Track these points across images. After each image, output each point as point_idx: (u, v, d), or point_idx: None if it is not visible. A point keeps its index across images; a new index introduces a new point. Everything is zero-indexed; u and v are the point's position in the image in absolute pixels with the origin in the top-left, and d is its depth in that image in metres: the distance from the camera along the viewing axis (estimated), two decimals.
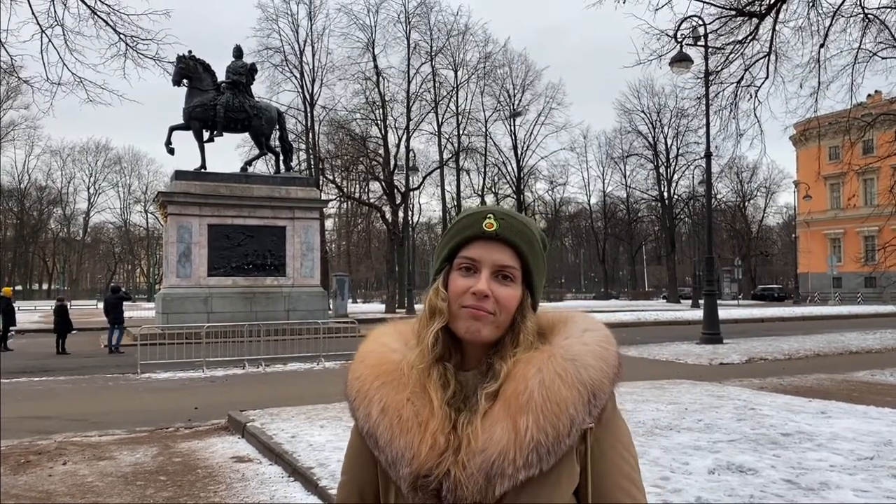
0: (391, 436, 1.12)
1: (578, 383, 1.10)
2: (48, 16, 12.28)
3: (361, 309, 45.21)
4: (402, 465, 1.10)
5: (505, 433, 1.07)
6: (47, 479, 6.06)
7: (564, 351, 1.14)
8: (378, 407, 1.15)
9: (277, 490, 5.62)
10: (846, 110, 16.49)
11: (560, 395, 1.08)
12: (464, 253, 1.18)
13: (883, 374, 12.29)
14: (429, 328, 1.18)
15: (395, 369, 1.19)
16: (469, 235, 1.19)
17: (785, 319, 31.53)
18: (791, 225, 70.05)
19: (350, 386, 1.22)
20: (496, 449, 1.06)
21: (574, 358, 1.12)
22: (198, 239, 22.85)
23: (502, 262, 1.17)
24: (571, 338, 1.17)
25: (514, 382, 1.11)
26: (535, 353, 1.15)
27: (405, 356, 1.20)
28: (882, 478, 5.10)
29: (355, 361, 1.25)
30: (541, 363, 1.12)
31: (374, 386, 1.17)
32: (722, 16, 14.60)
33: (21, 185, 74.15)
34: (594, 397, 1.10)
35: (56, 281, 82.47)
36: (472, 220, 1.20)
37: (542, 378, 1.10)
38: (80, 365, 15.60)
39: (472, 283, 1.16)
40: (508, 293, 1.16)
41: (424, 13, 43.31)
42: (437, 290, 1.19)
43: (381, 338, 1.27)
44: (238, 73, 25.18)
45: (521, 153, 51.83)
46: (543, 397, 1.08)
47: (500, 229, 1.17)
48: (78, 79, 12.89)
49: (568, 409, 1.08)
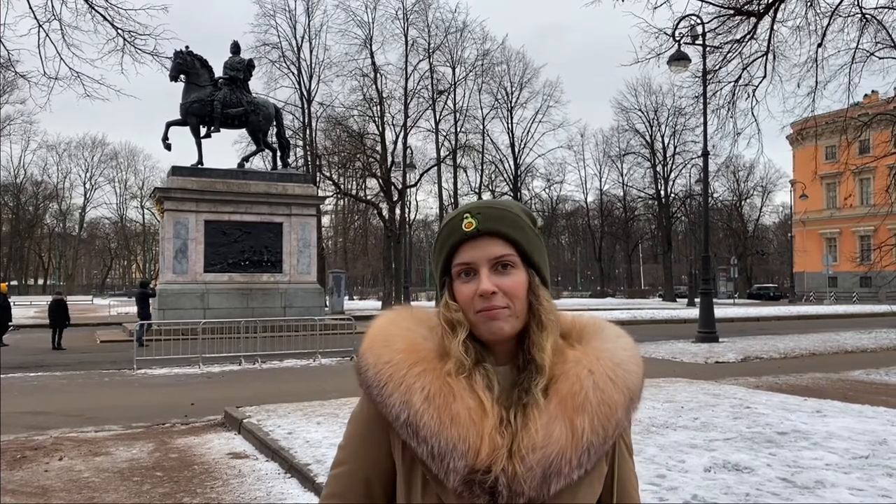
0: (439, 426, 1.07)
1: (625, 387, 1.13)
2: (45, 10, 12.26)
3: (358, 306, 45.17)
4: (456, 457, 1.06)
5: (563, 432, 1.08)
6: (43, 475, 6.05)
7: (610, 355, 1.16)
8: (421, 395, 1.09)
9: (274, 486, 5.61)
10: (843, 110, 16.51)
11: (612, 398, 1.11)
12: (456, 260, 1.17)
13: (878, 374, 12.32)
14: (455, 339, 1.14)
15: (433, 357, 1.14)
16: (454, 242, 1.17)
17: (780, 319, 31.60)
18: (787, 224, 70.20)
19: (378, 371, 1.13)
20: (556, 447, 1.07)
21: (620, 362, 1.15)
22: (194, 235, 22.81)
23: (495, 254, 1.15)
24: (609, 343, 1.19)
25: (567, 381, 1.12)
26: (580, 354, 1.16)
27: (437, 346, 1.16)
28: (877, 476, 5.12)
29: (377, 345, 1.17)
30: (591, 364, 1.13)
31: (414, 372, 1.11)
32: (720, 15, 14.62)
33: (17, 180, 74.00)
34: (632, 402, 1.14)
35: (52, 276, 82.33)
36: (451, 226, 1.18)
37: (595, 380, 1.11)
38: (76, 360, 15.57)
39: (475, 285, 1.14)
40: (513, 281, 1.15)
41: (422, 10, 43.36)
42: (447, 304, 1.17)
43: (402, 323, 1.21)
44: (235, 68, 25.13)
45: (518, 151, 51.92)
46: (598, 399, 1.10)
47: (480, 224, 1.16)
48: (75, 74, 12.89)
49: (617, 412, 1.11)
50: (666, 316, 31.61)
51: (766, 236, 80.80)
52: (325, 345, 15.36)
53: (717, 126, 16.87)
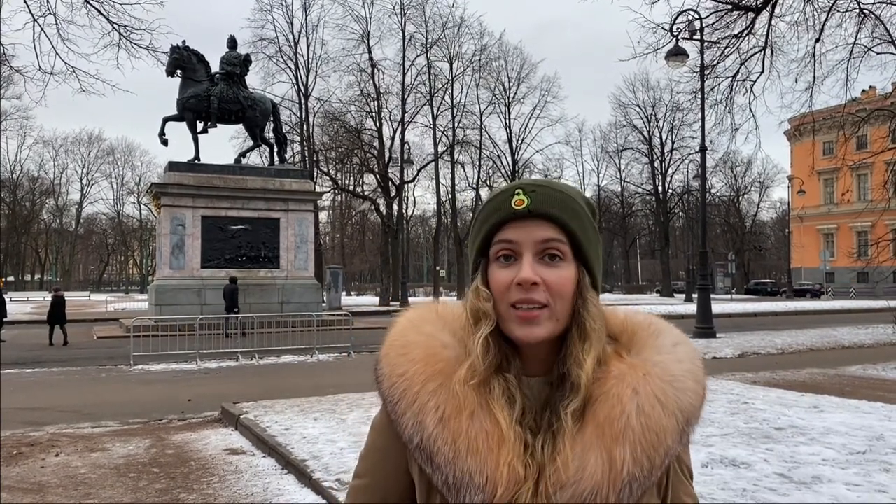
0: (454, 454, 0.94)
1: (678, 410, 0.96)
2: (41, 5, 12.21)
3: (355, 302, 45.20)
4: (472, 490, 0.93)
5: (599, 465, 0.92)
6: (40, 471, 6.04)
7: (661, 370, 0.99)
8: (434, 416, 0.96)
9: (271, 482, 5.61)
10: (841, 105, 16.50)
11: (660, 424, 0.94)
12: (497, 238, 1.01)
13: (875, 369, 12.34)
14: (475, 335, 0.99)
15: (451, 371, 0.99)
16: (499, 220, 1.01)
17: (778, 314, 31.65)
18: (784, 220, 70.18)
19: (392, 385, 1.01)
20: (590, 483, 0.91)
21: (673, 380, 0.98)
22: (191, 230, 22.78)
23: (544, 236, 0.99)
24: (664, 353, 1.02)
25: (607, 404, 0.96)
26: (626, 369, 0.99)
27: (458, 354, 1.01)
28: (874, 472, 5.12)
29: (393, 353, 1.04)
30: (636, 383, 0.97)
31: (428, 389, 0.98)
32: (718, 10, 14.61)
33: (13, 176, 73.64)
34: (688, 424, 0.97)
35: (48, 272, 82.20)
36: (498, 201, 1.02)
37: (640, 402, 0.95)
38: (72, 356, 15.56)
39: (514, 272, 0.98)
40: (560, 275, 0.98)
41: (420, 5, 43.16)
42: (478, 290, 1.01)
43: (424, 326, 1.06)
44: (232, 63, 25.08)
45: (515, 146, 51.70)
46: (643, 425, 0.93)
47: (533, 204, 0.99)
48: (71, 68, 12.84)
49: (666, 439, 0.94)
50: (663, 311, 31.50)
51: (763, 232, 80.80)
52: (322, 341, 15.36)
53: (715, 121, 16.86)
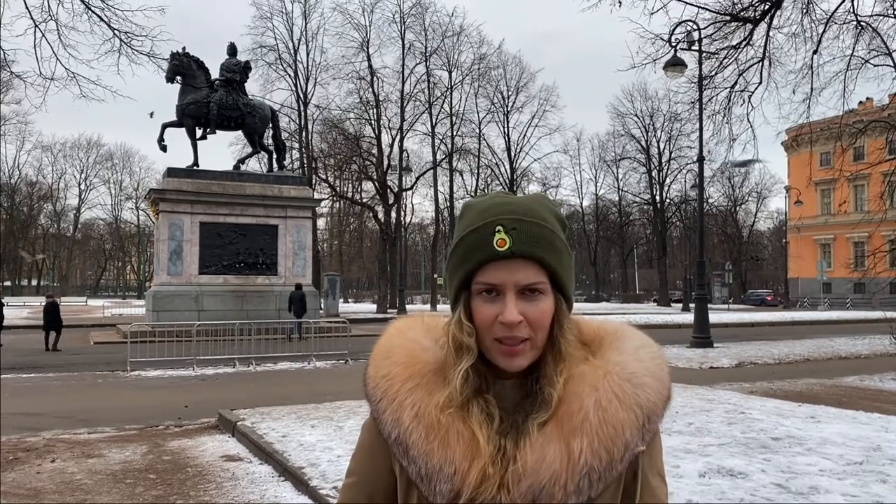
0: (427, 447, 1.02)
1: (636, 405, 1.02)
2: (42, 10, 12.25)
3: (353, 309, 45.17)
4: (442, 480, 1.00)
5: (557, 456, 0.98)
6: (35, 477, 6.02)
7: (621, 369, 1.05)
8: (410, 412, 1.04)
9: (268, 489, 5.60)
10: (838, 117, 16.58)
11: (617, 418, 1.00)
12: (480, 278, 1.04)
13: (872, 380, 12.36)
14: (456, 368, 1.05)
15: (428, 370, 1.08)
16: (481, 260, 1.04)
17: (775, 324, 31.68)
18: (782, 230, 70.39)
19: (375, 385, 1.09)
20: (548, 473, 0.98)
21: (631, 377, 1.04)
22: (189, 237, 22.77)
23: (527, 280, 1.03)
24: (626, 354, 1.08)
25: (567, 400, 1.02)
26: (588, 369, 1.05)
27: (437, 357, 1.09)
28: (871, 483, 5.13)
29: (378, 356, 1.12)
30: (596, 381, 1.03)
31: (406, 388, 1.06)
32: (716, 21, 14.65)
33: (11, 181, 73.57)
34: (649, 421, 1.03)
35: (45, 277, 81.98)
36: (479, 238, 1.05)
37: (599, 398, 1.01)
38: (69, 362, 15.51)
39: (498, 309, 1.03)
40: (540, 309, 1.04)
41: (419, 13, 43.32)
42: (461, 323, 1.05)
43: (408, 332, 1.14)
44: (232, 70, 25.13)
45: (514, 155, 51.80)
46: (600, 419, 1.00)
47: (516, 245, 1.03)
48: (71, 74, 12.88)
49: (624, 432, 1.00)
50: (661, 321, 31.61)
51: (760, 242, 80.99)
52: (319, 347, 15.36)
53: (713, 132, 16.86)
